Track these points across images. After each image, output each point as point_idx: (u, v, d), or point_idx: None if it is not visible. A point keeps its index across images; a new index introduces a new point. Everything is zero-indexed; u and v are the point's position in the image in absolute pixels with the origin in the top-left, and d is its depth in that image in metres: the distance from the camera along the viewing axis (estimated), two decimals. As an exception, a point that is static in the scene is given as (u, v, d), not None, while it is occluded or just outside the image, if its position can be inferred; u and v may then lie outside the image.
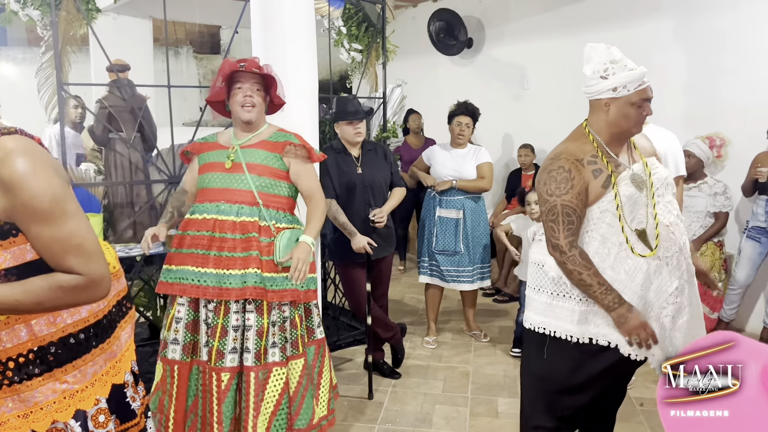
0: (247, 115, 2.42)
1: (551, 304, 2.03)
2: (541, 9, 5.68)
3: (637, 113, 1.93)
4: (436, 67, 6.74)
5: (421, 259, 4.10)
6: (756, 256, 4.10)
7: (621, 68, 1.92)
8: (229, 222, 2.35)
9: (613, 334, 1.95)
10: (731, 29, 4.35)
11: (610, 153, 1.98)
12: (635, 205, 1.94)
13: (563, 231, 1.92)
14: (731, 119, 4.38)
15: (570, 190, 1.92)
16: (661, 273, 1.96)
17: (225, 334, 2.34)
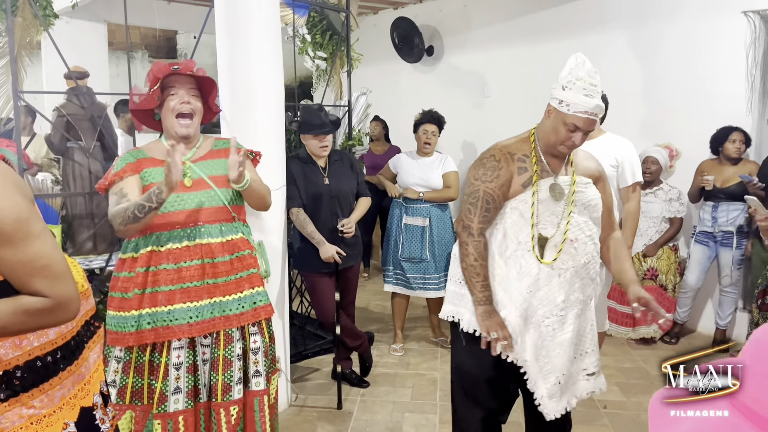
0: (184, 130, 2.16)
1: (458, 293, 2.12)
2: (500, 18, 5.79)
3: (566, 134, 1.98)
4: (398, 74, 6.78)
5: (386, 267, 4.10)
6: (704, 259, 4.26)
7: (579, 89, 1.96)
8: (216, 244, 2.14)
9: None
10: (681, 39, 4.52)
11: (542, 158, 2.06)
12: (545, 213, 2.02)
13: (478, 216, 2.01)
14: (681, 127, 4.56)
15: (495, 179, 2.00)
16: (551, 282, 2.01)
17: (230, 365, 2.15)
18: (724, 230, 4.13)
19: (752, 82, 4.20)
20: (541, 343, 2.03)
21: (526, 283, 2.01)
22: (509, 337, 1.97)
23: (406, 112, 6.43)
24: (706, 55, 4.40)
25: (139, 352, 2.14)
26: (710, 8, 4.34)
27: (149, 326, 2.10)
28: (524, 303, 2.01)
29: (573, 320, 2.05)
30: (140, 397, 2.15)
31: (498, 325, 1.97)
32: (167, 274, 2.10)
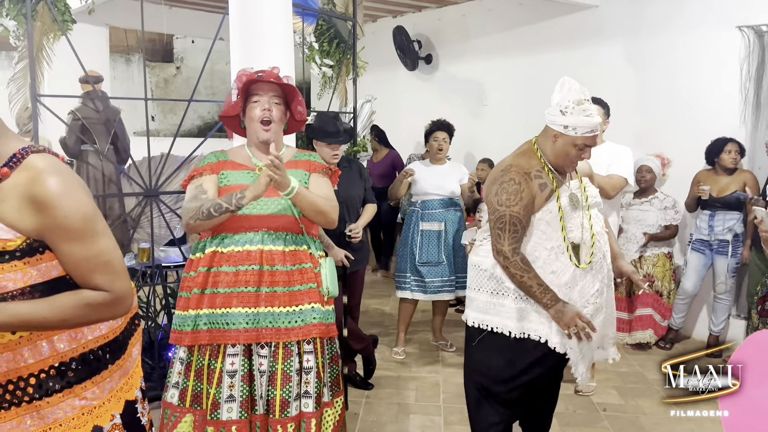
0: (264, 135, 2.14)
1: (491, 302, 2.23)
2: (498, 28, 5.90)
3: (577, 154, 2.15)
4: (396, 82, 6.88)
5: (402, 274, 4.15)
6: (701, 267, 4.38)
7: (580, 111, 2.09)
8: (278, 252, 2.11)
9: (544, 330, 2.16)
10: (675, 52, 4.65)
11: (554, 170, 2.20)
12: (570, 220, 2.17)
13: (508, 239, 2.12)
14: (675, 138, 4.68)
15: (519, 202, 2.12)
16: (586, 276, 2.19)
17: (288, 380, 2.10)
18: (720, 238, 4.25)
19: (746, 95, 4.33)
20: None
21: (564, 280, 2.16)
22: (589, 323, 2.11)
23: (405, 119, 6.53)
24: (701, 68, 4.53)
25: (198, 356, 2.13)
26: (706, 22, 4.47)
27: (205, 327, 2.10)
28: (564, 298, 2.15)
29: (604, 303, 2.25)
30: (200, 401, 2.14)
31: (574, 317, 2.10)
32: (226, 276, 2.09)
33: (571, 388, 3.61)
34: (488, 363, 2.28)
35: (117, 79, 8.97)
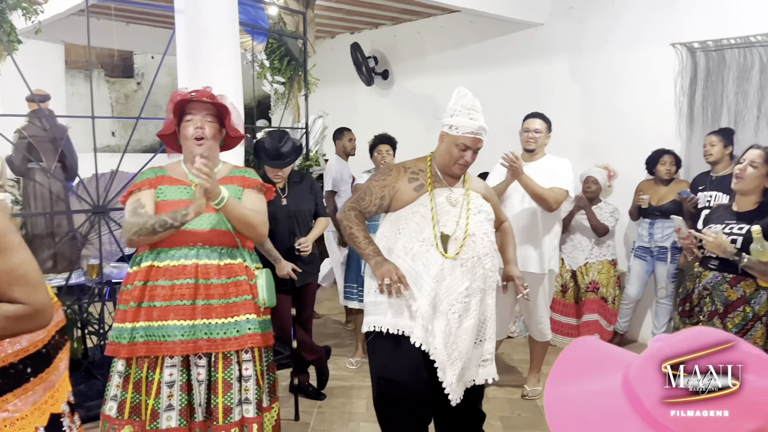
0: (198, 149, 2.20)
1: (375, 302, 2.36)
2: (451, 45, 6.07)
3: (458, 153, 2.33)
4: (354, 97, 6.99)
5: (349, 285, 4.23)
6: (643, 273, 4.56)
7: (465, 114, 2.31)
8: (213, 266, 2.18)
9: (408, 324, 2.27)
10: (615, 68, 4.86)
11: (438, 174, 2.41)
12: (443, 215, 2.34)
13: (354, 199, 2.42)
14: (618, 150, 4.87)
15: (380, 180, 2.40)
16: (455, 272, 2.29)
17: (229, 387, 2.18)
18: (659, 245, 4.43)
19: (680, 109, 4.55)
20: (449, 330, 2.27)
21: (432, 273, 2.27)
22: (403, 277, 2.23)
23: (364, 133, 6.62)
24: (639, 84, 4.74)
25: (137, 368, 2.17)
26: (641, 40, 4.69)
27: (142, 339, 2.14)
28: (432, 292, 2.26)
29: (475, 307, 2.33)
30: (138, 413, 2.17)
31: (391, 269, 2.23)
32: (162, 289, 2.15)
33: (518, 393, 3.72)
34: (379, 363, 2.38)
35: (76, 95, 8.92)
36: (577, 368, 0.78)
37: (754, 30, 4.14)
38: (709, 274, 2.66)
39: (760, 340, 2.54)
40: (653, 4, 4.62)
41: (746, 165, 2.58)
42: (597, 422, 0.70)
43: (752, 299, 2.53)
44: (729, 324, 2.56)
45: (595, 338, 0.88)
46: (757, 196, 2.60)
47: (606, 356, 0.79)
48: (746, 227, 2.52)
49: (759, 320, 2.53)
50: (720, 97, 4.40)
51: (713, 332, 0.70)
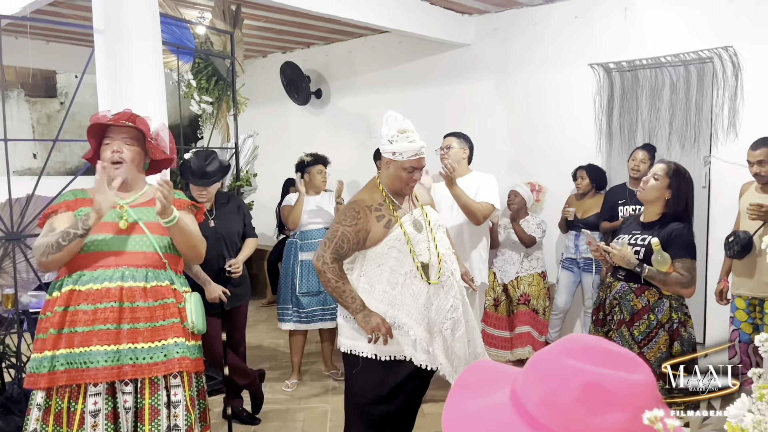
0: (115, 173, 2.15)
1: (356, 328, 2.43)
2: (382, 65, 6.16)
3: (408, 177, 2.42)
4: (287, 117, 6.97)
5: (284, 306, 4.16)
6: (570, 284, 4.72)
7: (404, 138, 2.38)
8: (138, 289, 2.12)
9: (408, 350, 2.38)
10: (538, 87, 5.06)
11: (395, 201, 2.47)
12: (416, 243, 2.42)
13: (331, 249, 2.37)
14: (546, 166, 5.05)
15: (353, 225, 2.38)
16: (439, 294, 2.44)
17: (157, 414, 2.10)
18: (585, 257, 4.60)
19: (600, 126, 4.77)
20: (446, 345, 2.43)
21: (421, 302, 2.39)
22: (390, 329, 2.34)
23: (298, 153, 6.61)
24: (561, 102, 4.95)
25: (57, 399, 2.08)
26: (562, 61, 4.91)
27: (62, 368, 2.05)
28: (425, 319, 2.39)
29: (460, 317, 2.49)
30: None
31: (380, 324, 2.33)
32: (84, 314, 2.07)
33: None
34: (363, 385, 2.46)
35: (-9, 115, 8.48)
36: (471, 388, 0.83)
37: (664, 51, 4.41)
38: (618, 285, 2.78)
39: (663, 346, 2.66)
40: (572, 27, 4.85)
41: (650, 177, 2.74)
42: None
43: (656, 307, 2.66)
44: (635, 332, 2.68)
45: (489, 360, 0.92)
46: (660, 208, 2.75)
47: (497, 374, 0.84)
48: (649, 238, 2.66)
49: (662, 327, 2.66)
50: (635, 115, 4.65)
51: (583, 338, 0.76)
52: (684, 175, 2.74)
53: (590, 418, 0.68)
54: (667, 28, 4.40)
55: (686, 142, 4.42)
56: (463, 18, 5.37)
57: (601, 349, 0.74)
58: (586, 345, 0.75)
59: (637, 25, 4.53)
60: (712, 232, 4.28)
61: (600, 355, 0.72)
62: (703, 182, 4.38)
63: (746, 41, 4.06)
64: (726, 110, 4.20)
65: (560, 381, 0.71)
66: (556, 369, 0.72)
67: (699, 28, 4.25)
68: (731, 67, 4.14)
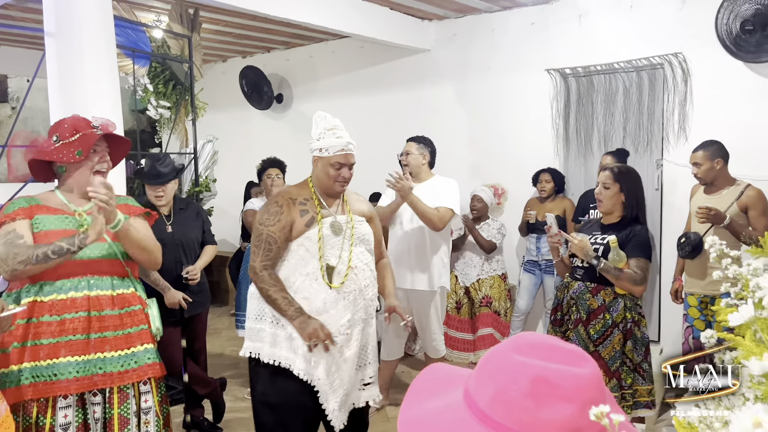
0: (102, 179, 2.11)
1: (254, 328, 2.36)
2: (343, 70, 6.16)
3: (335, 173, 2.37)
4: (248, 121, 6.90)
5: (241, 313, 4.10)
6: (532, 285, 4.79)
7: (331, 135, 2.38)
8: (105, 297, 2.11)
9: (290, 356, 2.27)
10: (498, 92, 5.14)
11: (322, 201, 2.41)
12: (328, 246, 2.35)
13: (261, 256, 2.29)
14: (506, 169, 5.13)
15: (277, 223, 2.30)
16: (337, 305, 2.34)
17: (126, 423, 2.09)
18: (546, 259, 4.67)
19: (557, 130, 4.87)
20: (331, 360, 2.30)
21: (315, 306, 2.30)
22: (329, 334, 2.23)
23: (259, 158, 6.57)
24: (520, 107, 5.04)
25: (25, 415, 2.01)
26: (520, 66, 5.00)
27: (28, 381, 2.00)
28: None
29: (357, 336, 2.39)
30: None
31: (317, 329, 2.21)
32: (49, 326, 2.03)
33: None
34: (262, 390, 2.37)
35: (-62, 121, 8.16)
36: (426, 391, 0.85)
37: (617, 58, 4.54)
38: (575, 285, 2.85)
39: (617, 345, 2.74)
40: (529, 33, 4.95)
41: (601, 188, 2.82)
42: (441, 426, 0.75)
43: (611, 307, 2.74)
44: (591, 330, 2.75)
45: (443, 364, 0.94)
46: (619, 211, 2.84)
47: (451, 376, 0.86)
48: (608, 237, 2.75)
49: (617, 327, 2.73)
50: (591, 119, 4.76)
51: (531, 336, 0.79)
52: (629, 173, 2.84)
53: (539, 411, 0.70)
54: (620, 35, 4.52)
55: (639, 146, 4.55)
56: (423, 23, 5.42)
57: (548, 345, 0.76)
58: (534, 342, 0.77)
59: (591, 32, 4.65)
60: (665, 233, 4.42)
61: (547, 351, 0.74)
62: (656, 185, 4.52)
63: (694, 48, 4.21)
64: (676, 115, 4.34)
65: (509, 377, 0.73)
66: (506, 365, 0.74)
67: (650, 35, 4.39)
68: (681, 73, 4.28)
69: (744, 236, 3.17)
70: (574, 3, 4.71)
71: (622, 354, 2.74)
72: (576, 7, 4.70)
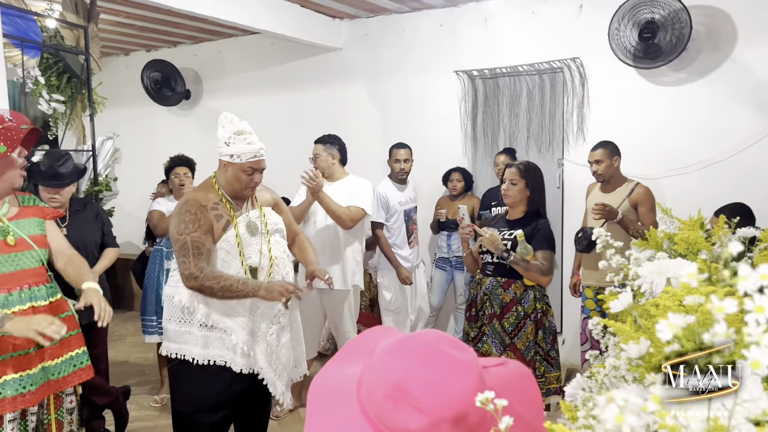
0: (21, 181, 2.09)
1: (180, 331, 2.34)
2: (253, 66, 6.04)
3: (248, 179, 2.34)
4: (153, 118, 6.62)
5: (148, 318, 3.93)
6: (443, 282, 4.90)
7: (241, 141, 2.32)
8: (44, 307, 2.09)
9: (228, 355, 2.30)
10: (409, 92, 5.22)
11: (232, 201, 2.38)
12: (246, 246, 2.35)
13: (193, 260, 2.20)
14: (417, 169, 5.18)
15: (198, 229, 2.24)
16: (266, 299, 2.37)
17: (61, 427, 2.15)
18: (456, 255, 4.79)
19: (465, 130, 5.01)
20: (270, 350, 2.36)
21: (246, 305, 2.31)
22: (296, 285, 2.28)
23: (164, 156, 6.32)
24: (430, 107, 5.14)
25: None
26: (430, 67, 5.10)
27: None
28: (249, 323, 2.32)
29: (287, 323, 2.46)
30: None
31: (283, 286, 2.24)
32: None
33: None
34: (189, 391, 2.35)
35: None
36: (348, 354, 0.87)
37: (521, 61, 4.72)
38: (487, 281, 2.95)
39: (530, 335, 2.87)
40: (438, 35, 5.05)
41: (508, 184, 2.94)
42: (331, 398, 0.80)
43: (522, 299, 2.86)
44: (506, 323, 2.86)
45: (385, 327, 0.95)
46: (523, 206, 2.97)
47: (369, 344, 0.86)
48: (515, 232, 2.87)
49: (528, 317, 2.86)
50: (497, 120, 4.93)
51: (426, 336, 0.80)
52: (534, 170, 2.98)
53: (394, 414, 0.72)
54: (524, 39, 4.71)
55: (542, 146, 4.76)
56: (334, 22, 5.40)
57: (436, 350, 0.76)
58: (423, 344, 0.77)
59: (496, 36, 4.81)
60: (566, 230, 4.64)
61: (429, 357, 0.75)
62: (557, 183, 4.74)
63: (590, 54, 4.46)
64: (575, 116, 4.58)
65: (378, 376, 0.75)
66: (380, 363, 0.76)
67: (550, 40, 4.60)
68: (579, 76, 4.52)
69: (632, 230, 3.40)
70: (480, 7, 4.86)
71: (535, 344, 2.88)
72: (482, 11, 4.85)
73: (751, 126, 4.00)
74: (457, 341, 0.81)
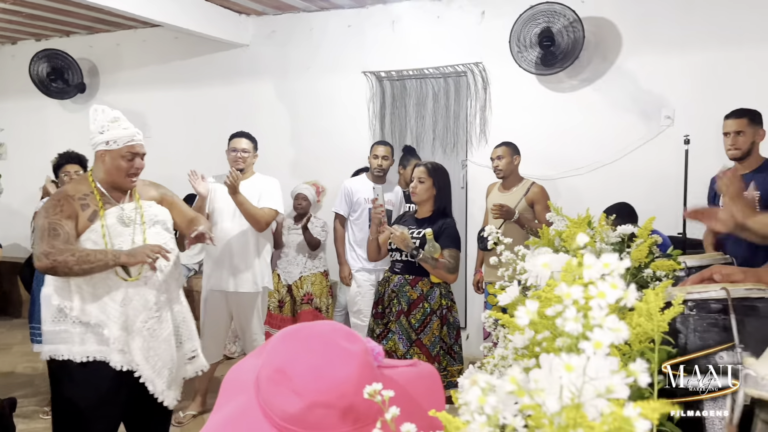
0: None
1: (55, 331, 2.27)
2: (155, 60, 5.80)
3: (128, 165, 2.31)
4: (42, 111, 6.20)
5: (37, 326, 3.67)
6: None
7: (116, 127, 2.29)
8: None
9: (104, 350, 2.25)
10: (317, 92, 5.21)
11: (105, 193, 2.33)
12: (116, 237, 2.31)
13: (47, 240, 2.14)
14: (327, 168, 5.21)
15: (59, 213, 2.20)
16: (140, 292, 2.34)
17: None
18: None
19: (374, 131, 5.07)
20: (146, 345, 2.30)
21: (118, 298, 2.25)
22: (160, 246, 2.23)
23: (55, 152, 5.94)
24: (339, 106, 5.16)
25: None
26: (338, 67, 5.11)
27: None
28: (122, 317, 2.25)
29: (168, 317, 2.40)
30: None
31: (145, 249, 2.21)
32: None
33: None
34: (71, 392, 2.27)
35: None
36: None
37: (427, 64, 4.84)
38: (395, 278, 3.02)
39: (437, 330, 2.96)
40: (346, 35, 5.07)
41: (416, 182, 3.03)
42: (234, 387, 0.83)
43: (428, 296, 2.95)
44: (412, 320, 2.93)
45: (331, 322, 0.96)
46: (431, 205, 3.06)
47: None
48: (423, 230, 2.94)
49: (434, 314, 2.95)
50: (404, 121, 5.02)
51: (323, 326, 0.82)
52: (441, 170, 3.09)
53: (274, 397, 0.74)
54: (429, 42, 4.83)
55: (447, 147, 4.90)
56: (240, 18, 5.30)
57: (326, 339, 0.78)
58: (316, 333, 0.79)
59: (403, 38, 4.90)
60: (470, 228, 4.81)
61: (317, 345, 0.77)
62: (461, 183, 4.90)
63: (492, 59, 4.64)
64: (478, 119, 4.75)
65: (267, 360, 0.77)
66: (272, 347, 0.78)
67: (455, 44, 4.74)
68: (481, 81, 4.70)
69: (527, 228, 3.58)
70: (387, 9, 4.93)
71: (440, 339, 2.96)
72: (389, 13, 4.92)
73: (635, 131, 4.31)
74: (353, 334, 0.82)
